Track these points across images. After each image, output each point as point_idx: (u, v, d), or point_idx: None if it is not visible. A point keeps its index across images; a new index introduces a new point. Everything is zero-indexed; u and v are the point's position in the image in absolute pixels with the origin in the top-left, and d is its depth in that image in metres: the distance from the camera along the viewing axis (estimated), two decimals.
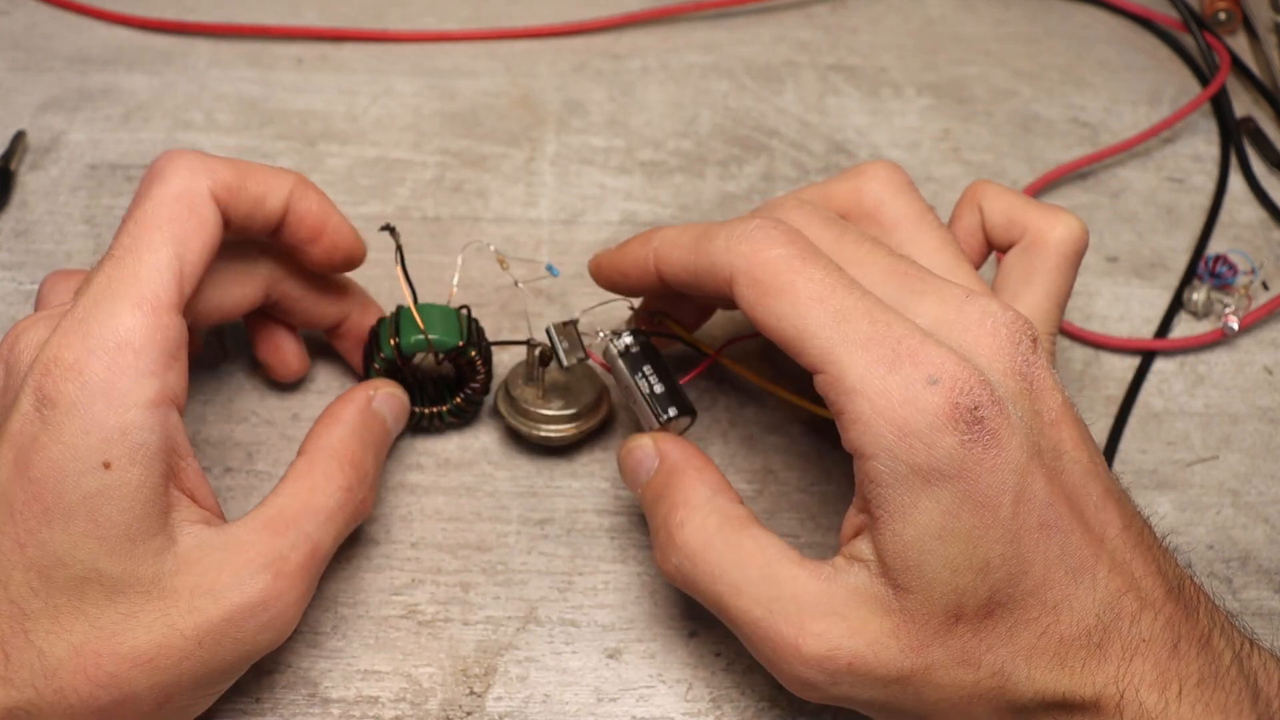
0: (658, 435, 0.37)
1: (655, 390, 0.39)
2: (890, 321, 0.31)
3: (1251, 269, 0.50)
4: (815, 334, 0.31)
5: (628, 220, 0.51)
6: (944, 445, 0.29)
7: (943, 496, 0.30)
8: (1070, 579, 0.30)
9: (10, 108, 0.53)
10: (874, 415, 0.30)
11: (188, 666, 0.31)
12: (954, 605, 0.30)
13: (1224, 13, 0.60)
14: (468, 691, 0.37)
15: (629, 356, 0.39)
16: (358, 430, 0.37)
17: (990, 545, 0.30)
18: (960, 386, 0.29)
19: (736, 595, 0.32)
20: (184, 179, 0.33)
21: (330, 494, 0.35)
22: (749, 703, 0.38)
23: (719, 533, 0.34)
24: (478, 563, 0.40)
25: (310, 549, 0.34)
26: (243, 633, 0.32)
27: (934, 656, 0.30)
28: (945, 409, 0.29)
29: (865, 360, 0.30)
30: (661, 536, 0.35)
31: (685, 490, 0.35)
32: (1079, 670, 0.30)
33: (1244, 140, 0.55)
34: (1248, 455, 0.45)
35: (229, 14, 0.58)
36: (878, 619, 0.31)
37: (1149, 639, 0.30)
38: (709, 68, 0.57)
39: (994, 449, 0.29)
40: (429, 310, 0.41)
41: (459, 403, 0.42)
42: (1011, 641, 0.30)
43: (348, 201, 0.50)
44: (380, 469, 0.38)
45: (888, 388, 0.30)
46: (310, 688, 0.37)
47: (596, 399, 0.42)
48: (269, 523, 0.33)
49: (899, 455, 0.30)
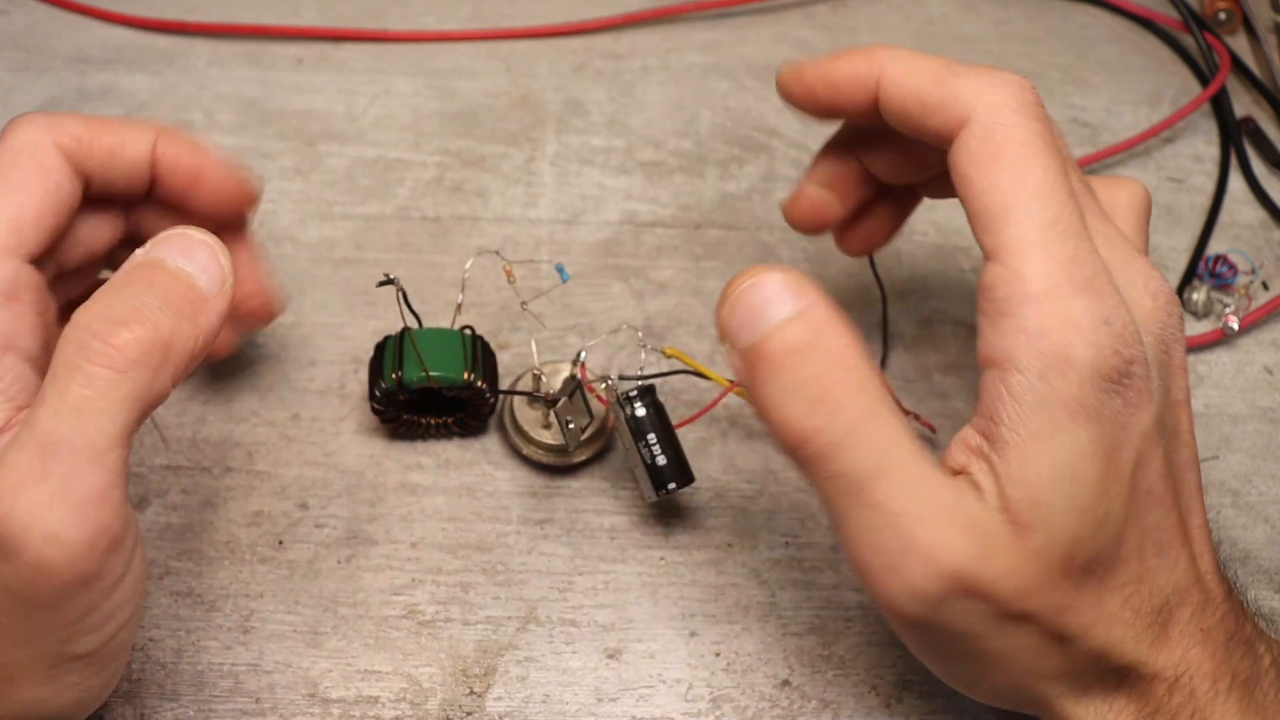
0: (791, 274, 0.31)
1: (657, 462, 0.38)
2: (1092, 251, 0.30)
3: (1251, 269, 0.50)
4: (1020, 223, 0.30)
5: (628, 220, 0.51)
6: (1096, 386, 0.29)
7: (1080, 436, 0.29)
8: (1156, 554, 0.30)
9: (10, 108, 0.53)
10: (1043, 330, 0.29)
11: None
12: (1068, 555, 0.29)
13: (1224, 13, 0.60)
14: (468, 691, 0.37)
15: (635, 421, 0.39)
16: (108, 298, 0.30)
17: (1111, 500, 0.29)
18: (1126, 337, 0.29)
19: (885, 479, 0.29)
20: (27, 134, 0.33)
21: (54, 364, 0.29)
22: (749, 703, 0.38)
23: (881, 405, 0.30)
24: (478, 563, 0.40)
25: (34, 443, 0.27)
26: None
27: (1037, 606, 0.29)
28: (1108, 353, 0.29)
29: (1058, 275, 0.29)
30: (811, 392, 0.29)
31: (844, 348, 0.30)
32: (1146, 646, 0.30)
33: (1244, 140, 0.55)
34: (1248, 455, 0.45)
35: (229, 14, 0.58)
36: (1002, 555, 0.29)
37: (1208, 631, 0.31)
38: (709, 68, 0.57)
39: (1134, 407, 0.29)
40: (431, 337, 0.41)
41: (464, 417, 0.42)
42: (1099, 604, 0.30)
43: (348, 201, 0.50)
44: (155, 301, 0.30)
45: (1069, 311, 0.29)
46: (310, 688, 0.37)
47: (599, 427, 0.42)
48: None
49: (1051, 379, 0.28)
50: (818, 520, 0.42)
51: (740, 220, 0.51)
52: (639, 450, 0.38)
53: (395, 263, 0.48)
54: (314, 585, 0.39)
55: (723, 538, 0.41)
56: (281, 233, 0.49)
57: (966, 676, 0.32)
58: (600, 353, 0.46)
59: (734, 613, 0.40)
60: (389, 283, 0.40)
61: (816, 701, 0.38)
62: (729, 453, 0.43)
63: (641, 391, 0.39)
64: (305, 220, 0.50)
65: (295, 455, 0.42)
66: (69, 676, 0.30)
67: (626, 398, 0.39)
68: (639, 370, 0.42)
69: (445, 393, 0.41)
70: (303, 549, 0.40)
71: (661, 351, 0.41)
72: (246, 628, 0.38)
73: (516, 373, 0.44)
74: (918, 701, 0.38)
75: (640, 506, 0.42)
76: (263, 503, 0.41)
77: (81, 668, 0.30)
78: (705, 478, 0.43)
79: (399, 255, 0.49)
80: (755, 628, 0.39)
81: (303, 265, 0.48)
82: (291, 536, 0.41)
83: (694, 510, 0.42)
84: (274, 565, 0.40)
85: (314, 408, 0.44)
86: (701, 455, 0.43)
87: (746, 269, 0.31)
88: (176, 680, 0.37)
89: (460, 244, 0.49)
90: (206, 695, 0.37)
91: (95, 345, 0.28)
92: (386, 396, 0.40)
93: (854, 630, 0.39)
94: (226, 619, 0.39)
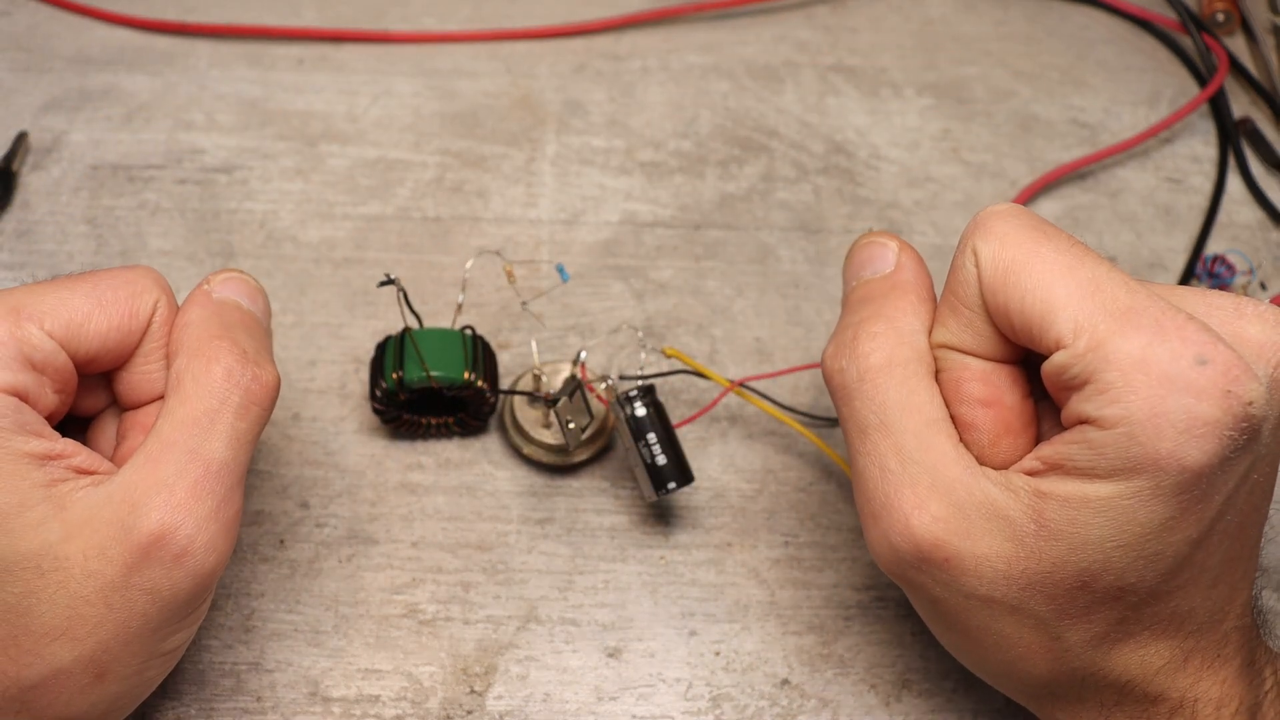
0: (904, 244, 0.34)
1: (657, 462, 0.38)
2: (1149, 293, 0.28)
3: (1249, 269, 0.50)
4: (1066, 303, 0.28)
5: (628, 220, 0.51)
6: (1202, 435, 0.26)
7: (1162, 480, 0.27)
8: (1205, 590, 0.29)
9: (12, 108, 0.53)
10: (1127, 386, 0.27)
11: (107, 632, 0.30)
12: (1090, 575, 0.28)
13: (1222, 14, 0.60)
14: (468, 690, 0.38)
15: (635, 421, 0.39)
16: (208, 319, 0.33)
17: (1177, 542, 0.28)
18: (1232, 373, 0.26)
19: (884, 433, 0.31)
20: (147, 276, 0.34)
21: (204, 393, 0.32)
22: (749, 702, 0.38)
23: (904, 366, 0.31)
24: (478, 562, 0.40)
25: (200, 466, 0.31)
26: (149, 580, 0.30)
27: (1026, 601, 0.29)
28: (1216, 394, 0.26)
29: (1124, 328, 0.27)
30: (848, 335, 0.32)
31: (900, 307, 0.32)
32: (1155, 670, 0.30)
33: (1242, 141, 0.56)
34: None
35: (229, 15, 0.58)
36: (999, 539, 0.29)
37: (1224, 659, 0.30)
38: (709, 68, 0.57)
39: (1243, 451, 0.27)
40: (432, 337, 0.41)
41: (464, 417, 0.42)
42: (1122, 626, 0.29)
43: (348, 202, 0.51)
44: (263, 342, 0.35)
45: (1153, 357, 0.26)
46: (311, 686, 0.37)
47: (599, 427, 0.42)
48: (149, 456, 0.31)
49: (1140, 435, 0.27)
50: (817, 520, 0.42)
51: (740, 220, 0.51)
52: (639, 450, 0.38)
53: (396, 263, 0.48)
54: (315, 584, 0.40)
55: (723, 538, 0.41)
56: (282, 233, 0.49)
57: (956, 644, 0.33)
58: (600, 353, 0.46)
59: (734, 612, 0.40)
60: (389, 283, 0.40)
61: (816, 700, 0.38)
62: (729, 453, 0.44)
63: (641, 391, 0.39)
64: (306, 220, 0.50)
65: (296, 455, 0.43)
66: (150, 672, 0.32)
67: (626, 398, 0.39)
68: (639, 370, 0.42)
69: (446, 392, 0.41)
70: (304, 548, 0.40)
71: (661, 351, 0.41)
72: (248, 627, 0.39)
73: (517, 373, 0.44)
74: (916, 700, 0.38)
75: (640, 506, 0.42)
76: (264, 502, 0.41)
77: (161, 664, 0.32)
78: (705, 478, 0.43)
79: (399, 255, 0.49)
80: (755, 627, 0.39)
81: (303, 265, 0.48)
82: (293, 536, 0.41)
83: (694, 510, 0.42)
84: (275, 564, 0.40)
85: (315, 407, 0.44)
86: (701, 455, 0.43)
87: (876, 230, 0.35)
88: (178, 679, 0.37)
89: (461, 244, 0.49)
90: (208, 694, 0.37)
91: (255, 388, 0.32)
92: (387, 396, 0.41)
93: (853, 629, 0.40)
94: (228, 618, 0.39)
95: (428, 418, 0.42)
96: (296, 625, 0.39)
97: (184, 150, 0.52)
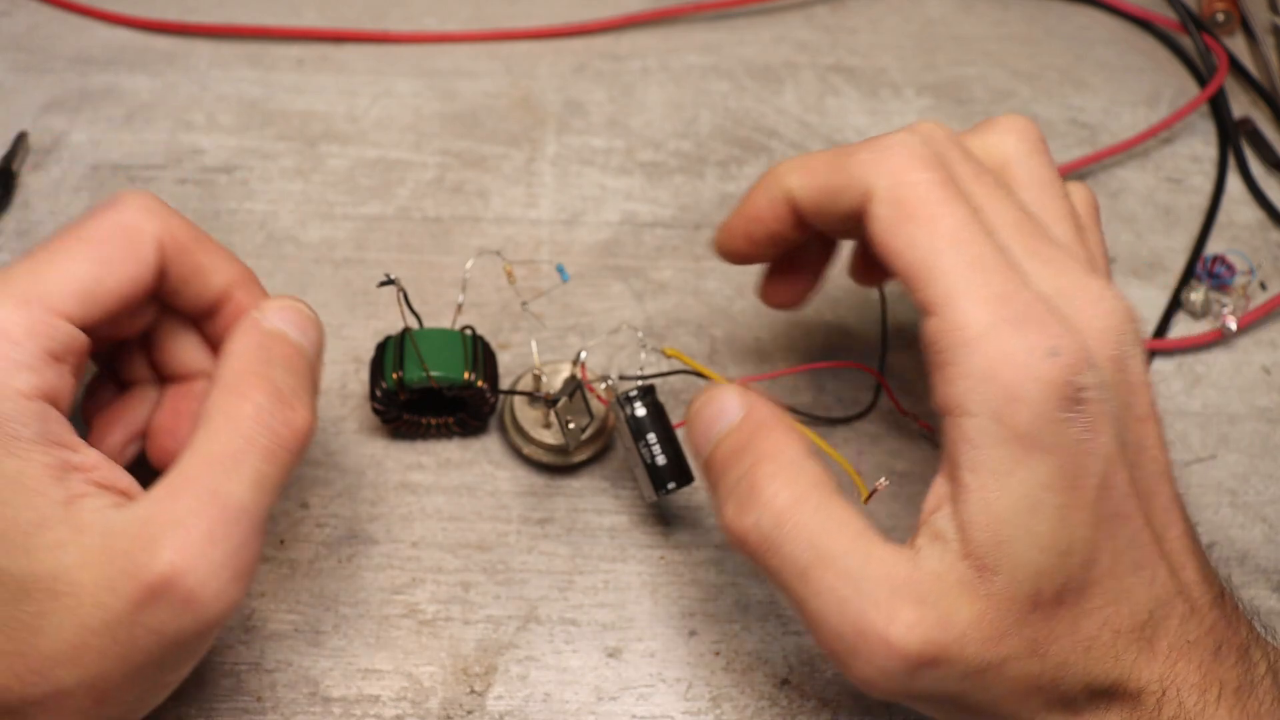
0: (739, 387, 0.34)
1: (657, 462, 0.38)
2: (1021, 283, 0.30)
3: (1249, 269, 0.50)
4: (945, 273, 0.30)
5: (628, 221, 0.51)
6: (1048, 419, 0.29)
7: (1039, 469, 0.29)
8: (1132, 572, 0.30)
9: (12, 108, 0.53)
10: (987, 373, 0.29)
11: (110, 663, 0.29)
12: (1035, 590, 0.29)
13: (1222, 14, 0.60)
14: (468, 690, 0.38)
15: (635, 421, 0.39)
16: (250, 352, 0.32)
17: (1074, 528, 0.29)
18: (1076, 365, 0.29)
19: (824, 567, 0.30)
20: (135, 216, 0.33)
21: (232, 432, 0.30)
22: (749, 702, 0.38)
23: (813, 493, 0.31)
24: (478, 562, 0.40)
25: (219, 508, 0.29)
26: (156, 620, 0.29)
27: (1011, 647, 0.30)
28: (1058, 383, 0.29)
29: (991, 316, 0.29)
30: (742, 489, 0.32)
31: (777, 443, 0.32)
32: (1129, 664, 0.30)
33: (1242, 141, 0.56)
34: (1245, 455, 0.45)
35: (230, 15, 0.58)
36: (965, 606, 0.29)
37: (1194, 642, 0.31)
38: (709, 68, 0.58)
39: (1091, 432, 0.29)
40: (432, 337, 0.41)
41: (464, 417, 0.42)
42: (1075, 631, 0.30)
43: (348, 202, 0.51)
44: (303, 380, 0.33)
45: (1009, 349, 0.29)
46: (311, 686, 0.37)
47: (599, 427, 0.42)
48: (170, 489, 0.30)
49: (1003, 418, 0.29)
50: None
51: None
52: (639, 450, 0.38)
53: (396, 263, 0.48)
54: (315, 584, 0.40)
55: (722, 537, 0.41)
56: (283, 233, 0.49)
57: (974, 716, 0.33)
58: (600, 353, 0.46)
59: (734, 612, 0.40)
60: (390, 283, 0.40)
61: (815, 700, 0.38)
62: None
63: (641, 391, 0.39)
64: (306, 220, 0.50)
65: None
66: (150, 699, 0.32)
67: (626, 398, 0.39)
68: (639, 370, 0.42)
69: (446, 393, 0.41)
70: (304, 548, 0.40)
71: (661, 351, 0.41)
72: (248, 626, 0.39)
73: (516, 373, 0.44)
74: None
75: (640, 506, 0.42)
76: None
77: (162, 692, 0.32)
78: None
79: (400, 255, 0.49)
80: (755, 627, 0.39)
81: (304, 265, 0.48)
82: (293, 536, 0.41)
83: (694, 510, 0.42)
84: (275, 564, 0.40)
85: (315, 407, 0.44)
86: None
87: (702, 389, 0.34)
88: None
89: (461, 244, 0.49)
90: (208, 694, 0.37)
91: (284, 433, 0.31)
92: (387, 396, 0.41)
93: None
94: None
95: (428, 418, 0.42)
96: (296, 625, 0.39)
97: (184, 150, 0.52)
